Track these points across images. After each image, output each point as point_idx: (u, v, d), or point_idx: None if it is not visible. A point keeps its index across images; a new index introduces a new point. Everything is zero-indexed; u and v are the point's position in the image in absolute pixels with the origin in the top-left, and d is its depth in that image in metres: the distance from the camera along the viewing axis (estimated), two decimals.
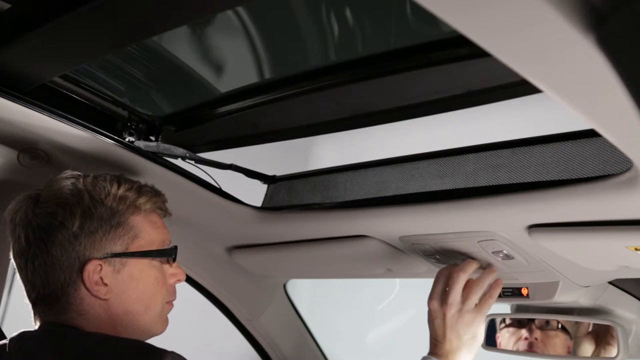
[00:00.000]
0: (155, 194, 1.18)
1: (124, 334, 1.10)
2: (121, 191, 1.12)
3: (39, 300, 1.09)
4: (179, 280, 1.19)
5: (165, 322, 1.16)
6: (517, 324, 1.58)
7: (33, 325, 1.11)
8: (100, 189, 1.11)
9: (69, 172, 1.14)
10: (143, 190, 1.16)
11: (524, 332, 1.57)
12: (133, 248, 1.11)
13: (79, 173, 1.14)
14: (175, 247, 1.17)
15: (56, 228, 1.07)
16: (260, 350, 2.06)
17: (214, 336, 2.73)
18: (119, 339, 1.06)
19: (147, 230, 1.13)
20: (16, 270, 1.12)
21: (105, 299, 1.08)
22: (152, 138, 1.45)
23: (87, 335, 1.05)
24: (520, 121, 1.79)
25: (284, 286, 2.01)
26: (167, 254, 1.16)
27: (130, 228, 1.11)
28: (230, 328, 2.01)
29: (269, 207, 1.55)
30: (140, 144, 1.39)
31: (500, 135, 1.24)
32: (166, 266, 1.16)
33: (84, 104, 1.32)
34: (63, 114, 1.19)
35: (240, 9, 1.15)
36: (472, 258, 1.34)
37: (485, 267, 1.35)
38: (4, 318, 2.94)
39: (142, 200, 1.14)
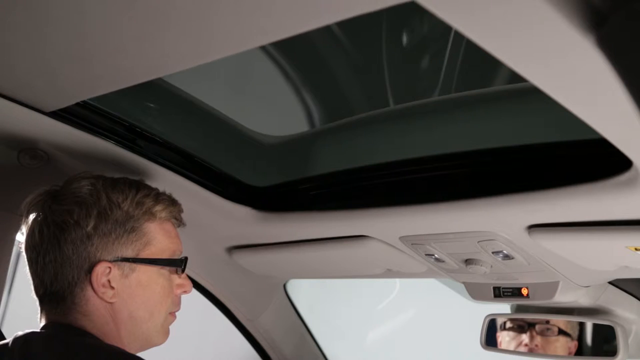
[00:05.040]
0: (172, 203, 1.19)
1: (127, 339, 1.10)
2: (139, 197, 1.13)
3: (46, 296, 1.09)
4: (185, 292, 1.19)
5: (166, 334, 1.16)
6: (518, 328, 1.58)
7: (36, 322, 1.11)
8: (119, 192, 1.11)
9: (88, 172, 1.15)
10: (160, 198, 1.16)
11: (524, 338, 1.57)
12: (144, 254, 1.11)
13: (99, 174, 1.15)
14: (186, 259, 1.18)
15: (71, 226, 1.07)
16: (260, 350, 2.06)
17: (214, 336, 2.73)
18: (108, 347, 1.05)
19: (159, 238, 1.14)
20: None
21: (111, 302, 1.08)
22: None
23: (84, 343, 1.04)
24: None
25: (284, 286, 2.01)
26: (177, 264, 1.16)
27: (143, 234, 1.12)
28: (230, 328, 2.01)
29: (269, 207, 1.55)
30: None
31: None
32: (174, 276, 1.17)
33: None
34: (63, 114, 1.19)
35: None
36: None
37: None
38: (4, 318, 2.94)
39: (158, 207, 1.15)
